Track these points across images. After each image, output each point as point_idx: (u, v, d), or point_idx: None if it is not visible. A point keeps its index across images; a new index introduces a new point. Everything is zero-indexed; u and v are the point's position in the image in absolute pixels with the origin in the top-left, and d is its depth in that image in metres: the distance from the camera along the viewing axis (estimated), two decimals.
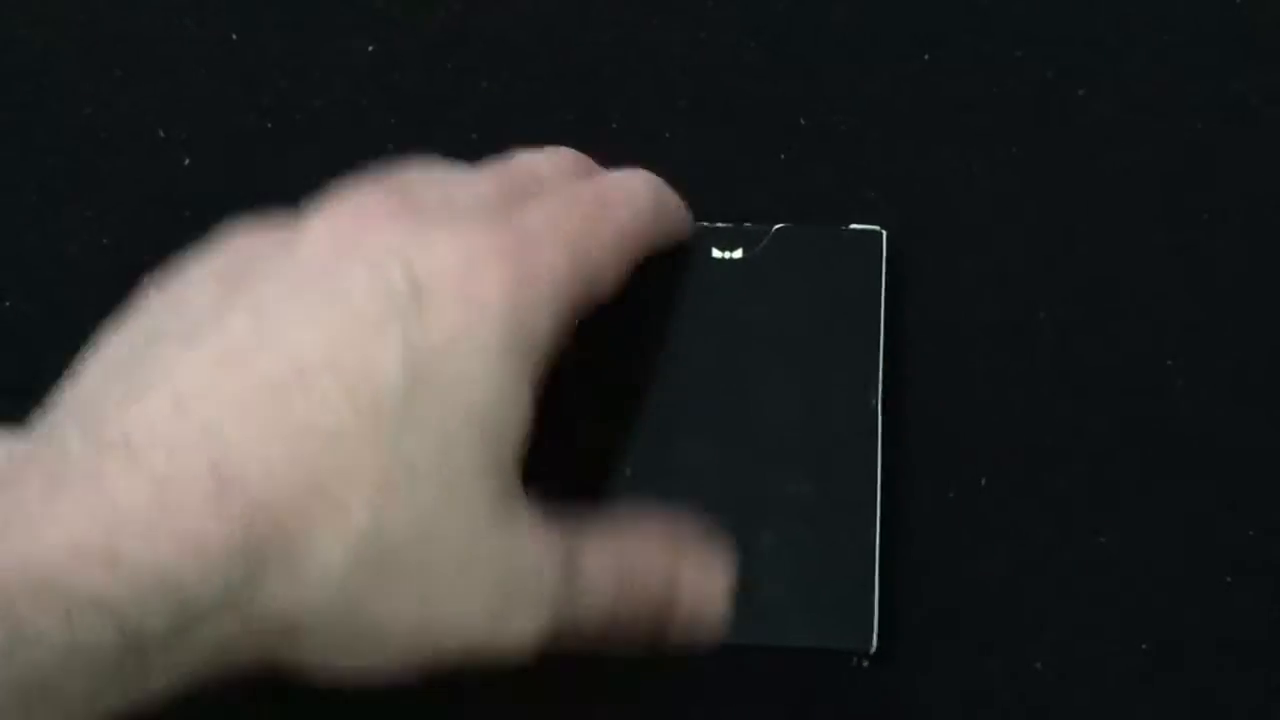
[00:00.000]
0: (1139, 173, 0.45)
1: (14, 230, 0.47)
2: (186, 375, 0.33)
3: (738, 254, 0.43)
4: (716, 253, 0.43)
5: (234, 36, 0.48)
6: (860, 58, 0.47)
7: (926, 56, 0.46)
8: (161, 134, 0.47)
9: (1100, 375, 0.44)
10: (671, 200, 0.42)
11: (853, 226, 0.43)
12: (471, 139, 0.47)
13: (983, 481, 0.44)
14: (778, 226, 0.43)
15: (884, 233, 0.43)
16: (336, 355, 0.33)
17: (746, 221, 0.44)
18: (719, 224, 0.43)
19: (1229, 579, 0.43)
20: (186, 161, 0.47)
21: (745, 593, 0.40)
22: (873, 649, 0.41)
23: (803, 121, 0.46)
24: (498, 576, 0.35)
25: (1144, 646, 0.42)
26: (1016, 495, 0.43)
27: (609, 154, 0.46)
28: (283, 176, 0.47)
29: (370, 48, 0.48)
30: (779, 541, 0.41)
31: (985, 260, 0.45)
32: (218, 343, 0.33)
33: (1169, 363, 0.44)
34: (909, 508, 0.42)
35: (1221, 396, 0.44)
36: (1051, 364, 0.44)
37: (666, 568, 0.39)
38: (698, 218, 0.44)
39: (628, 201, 0.40)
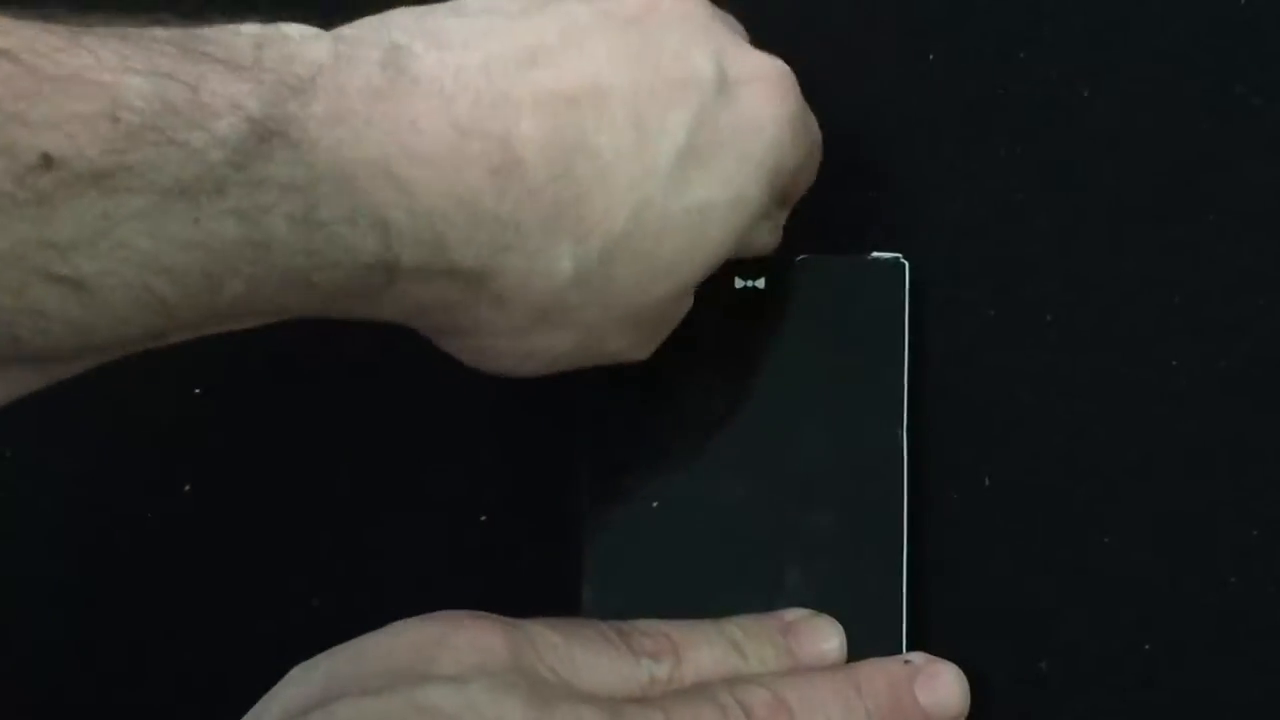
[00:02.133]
0: (1139, 173, 0.45)
1: None
2: (498, 48, 0.34)
3: (760, 283, 0.43)
4: (739, 282, 0.43)
5: None
6: (860, 58, 0.47)
7: (928, 57, 0.46)
8: None
9: (1102, 375, 0.44)
10: None
11: (875, 256, 0.43)
12: None
13: (985, 481, 0.44)
14: (800, 257, 0.43)
15: (906, 263, 0.43)
16: (634, 92, 0.35)
17: None
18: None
19: (1229, 579, 0.43)
20: None
21: None
22: None
23: None
24: (652, 332, 0.39)
25: (1145, 646, 0.42)
26: (1018, 495, 0.43)
27: None
28: None
29: None
30: (807, 576, 0.41)
31: (987, 260, 0.45)
32: (526, 33, 0.35)
33: (1170, 363, 0.44)
34: (911, 508, 0.42)
35: (1221, 396, 0.44)
36: (1054, 364, 0.44)
37: None
38: None
39: None
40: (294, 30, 0.32)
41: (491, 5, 0.36)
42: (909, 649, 0.41)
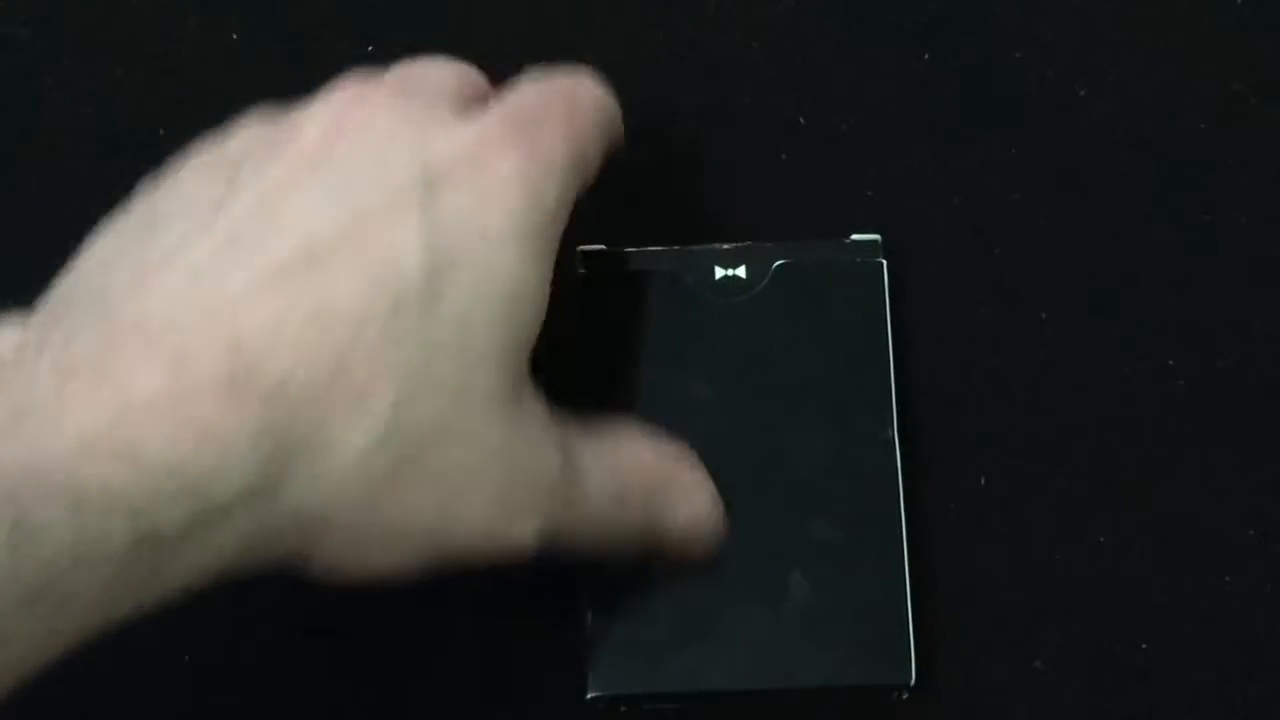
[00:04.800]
0: (1139, 173, 0.45)
1: (14, 230, 0.47)
2: (198, 254, 0.32)
3: (740, 271, 0.43)
4: (719, 271, 0.43)
5: (234, 36, 0.48)
6: (860, 58, 0.47)
7: (926, 56, 0.46)
8: (162, 133, 0.47)
9: (1100, 375, 0.44)
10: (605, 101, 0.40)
11: (854, 238, 0.43)
12: None
13: (983, 481, 0.44)
14: (778, 263, 0.43)
15: (884, 262, 0.43)
16: (350, 240, 0.32)
17: (747, 223, 0.44)
18: (722, 245, 0.43)
19: (1229, 579, 0.43)
20: None
21: (780, 636, 0.40)
22: (912, 681, 0.40)
23: (803, 121, 0.46)
24: (508, 473, 0.34)
25: (1144, 646, 0.42)
26: (1016, 495, 0.43)
27: None
28: None
29: (370, 48, 0.48)
30: (809, 582, 0.41)
31: (985, 260, 0.45)
32: (225, 226, 0.32)
33: (1169, 363, 0.44)
34: (909, 508, 0.42)
35: (1221, 396, 0.44)
36: (1051, 364, 0.44)
37: (661, 475, 0.39)
38: (699, 220, 0.44)
39: (591, 90, 0.39)
40: None
41: (161, 217, 0.34)
42: (916, 649, 0.40)
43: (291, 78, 0.48)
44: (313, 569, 0.33)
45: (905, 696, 0.41)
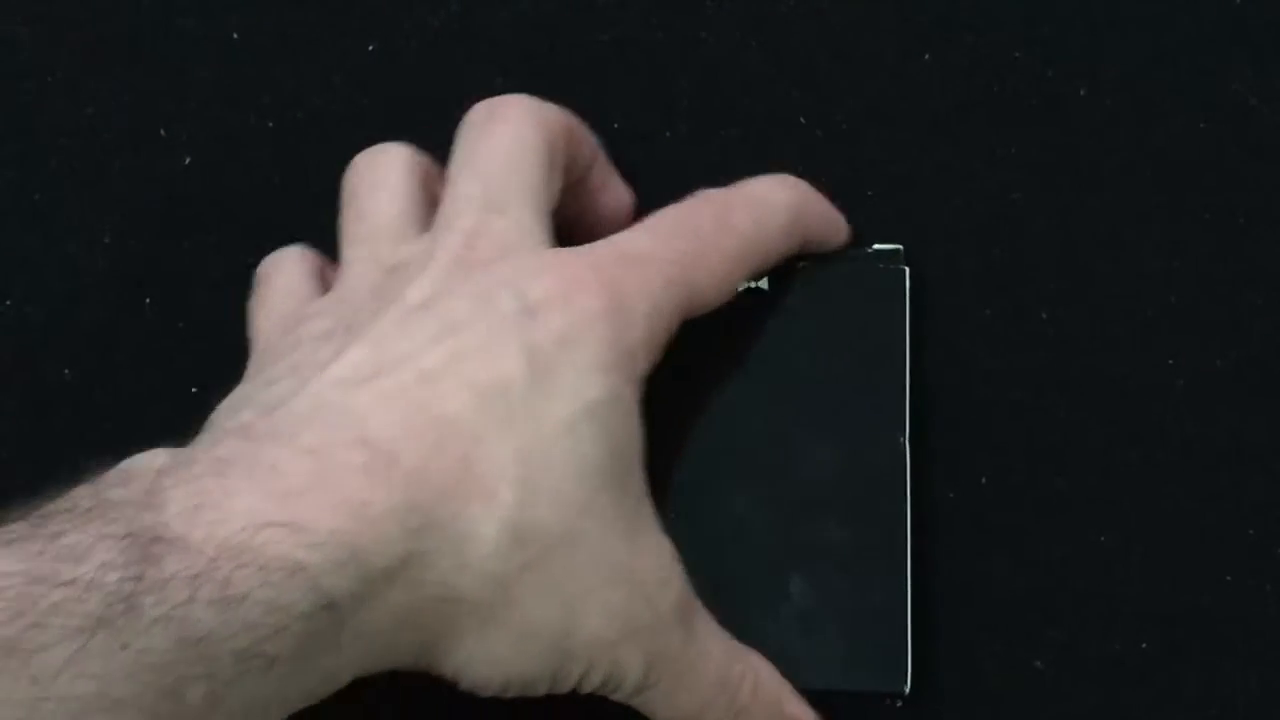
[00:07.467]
0: (1139, 173, 0.45)
1: (14, 230, 0.47)
2: (320, 388, 0.35)
3: (763, 283, 0.43)
4: (742, 283, 0.43)
5: (234, 36, 0.48)
6: (860, 58, 0.47)
7: (926, 56, 0.46)
8: (162, 133, 0.47)
9: (1100, 375, 0.44)
10: (816, 208, 0.43)
11: (876, 248, 0.43)
12: None
13: (983, 481, 0.44)
14: (801, 264, 0.43)
15: (906, 269, 0.43)
16: (458, 364, 0.35)
17: None
18: None
19: (1229, 579, 0.43)
20: (187, 161, 0.47)
21: (778, 637, 0.40)
22: (907, 690, 0.40)
23: (803, 121, 0.46)
24: (628, 593, 0.36)
25: (1144, 646, 0.42)
26: (1016, 495, 0.43)
27: (609, 154, 0.46)
28: (283, 176, 0.47)
29: (370, 47, 0.48)
30: (810, 585, 0.41)
31: (985, 260, 0.45)
32: (339, 370, 0.35)
33: (1169, 362, 0.44)
34: (912, 511, 0.42)
35: (1221, 396, 0.44)
36: (1051, 364, 0.44)
37: (775, 689, 0.40)
38: None
39: (756, 215, 0.41)
40: (127, 461, 0.34)
41: (278, 373, 0.37)
42: (913, 658, 0.40)
43: (292, 78, 0.48)
44: (447, 665, 0.36)
45: (899, 703, 0.41)
